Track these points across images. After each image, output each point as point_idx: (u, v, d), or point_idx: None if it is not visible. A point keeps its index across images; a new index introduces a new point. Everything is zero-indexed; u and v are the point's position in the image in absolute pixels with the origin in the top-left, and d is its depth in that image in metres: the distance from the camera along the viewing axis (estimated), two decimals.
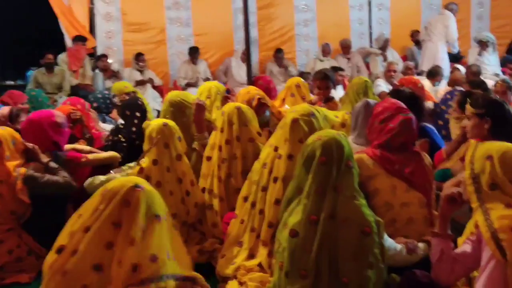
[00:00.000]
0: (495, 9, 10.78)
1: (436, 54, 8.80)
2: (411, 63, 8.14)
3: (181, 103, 3.89)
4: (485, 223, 1.97)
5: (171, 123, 3.36)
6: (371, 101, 3.59)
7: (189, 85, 8.46)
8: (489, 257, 1.94)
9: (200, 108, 3.79)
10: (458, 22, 10.02)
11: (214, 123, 3.82)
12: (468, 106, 3.11)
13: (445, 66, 8.41)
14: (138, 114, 4.09)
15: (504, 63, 8.98)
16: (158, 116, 7.31)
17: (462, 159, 3.47)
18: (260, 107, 4.06)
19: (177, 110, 3.87)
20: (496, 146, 2.06)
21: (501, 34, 9.70)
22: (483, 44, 8.71)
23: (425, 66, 8.43)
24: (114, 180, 2.08)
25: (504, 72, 8.46)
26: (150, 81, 8.26)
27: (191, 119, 3.84)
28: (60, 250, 2.00)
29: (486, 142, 2.14)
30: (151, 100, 7.85)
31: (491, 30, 9.94)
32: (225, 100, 4.47)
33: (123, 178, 2.16)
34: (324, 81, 4.94)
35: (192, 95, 4.14)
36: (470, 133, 3.14)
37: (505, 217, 1.94)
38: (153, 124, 3.31)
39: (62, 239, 2.04)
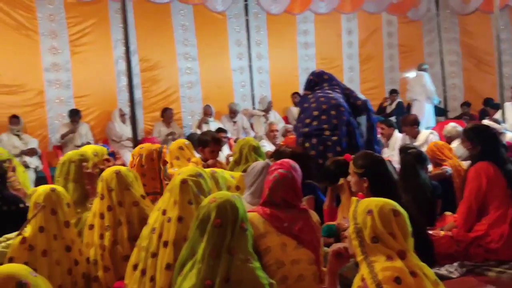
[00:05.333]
0: (363, 73, 11.78)
1: (422, 110, 10.00)
2: (289, 126, 8.54)
3: (82, 161, 3.75)
4: (370, 275, 2.05)
5: (60, 189, 3.19)
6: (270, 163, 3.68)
7: (63, 136, 8.25)
8: None
9: (90, 174, 3.68)
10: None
11: None
12: (351, 164, 3.30)
13: (431, 118, 10.07)
14: None
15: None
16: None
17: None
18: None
19: (80, 169, 3.72)
20: (375, 201, 2.17)
21: (371, 96, 10.55)
22: None
23: None
24: None
25: None
26: (31, 151, 7.84)
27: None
28: None
29: (367, 198, 2.26)
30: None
31: (361, 92, 10.78)
32: (104, 162, 4.29)
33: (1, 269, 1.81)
34: (218, 145, 5.17)
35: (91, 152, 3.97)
36: (353, 188, 3.33)
37: (387, 268, 2.03)
38: (40, 189, 3.11)
39: None
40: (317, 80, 5.33)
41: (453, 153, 5.24)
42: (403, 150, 4.69)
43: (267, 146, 7.17)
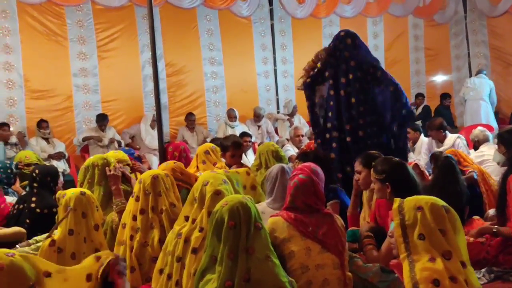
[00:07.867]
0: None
1: (488, 110, 10.22)
2: None
3: (105, 165, 3.87)
4: (409, 274, 2.03)
5: (89, 192, 3.25)
6: (285, 166, 3.68)
7: (85, 139, 8.36)
8: None
9: (114, 176, 3.76)
10: None
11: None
12: (372, 171, 3.28)
13: (492, 120, 10.09)
14: (35, 184, 4.03)
15: None
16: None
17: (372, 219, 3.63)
18: None
19: (104, 172, 3.84)
20: (425, 198, 2.14)
21: None
22: None
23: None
24: None
25: None
26: (59, 155, 7.99)
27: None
28: None
29: (413, 196, 2.20)
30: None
31: None
32: (126, 166, 4.34)
33: None
34: (238, 149, 5.11)
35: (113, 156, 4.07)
36: (377, 195, 3.33)
37: (426, 269, 2.00)
38: (69, 193, 3.17)
39: None
40: (342, 48, 5.14)
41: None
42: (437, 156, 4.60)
43: (291, 150, 7.16)
